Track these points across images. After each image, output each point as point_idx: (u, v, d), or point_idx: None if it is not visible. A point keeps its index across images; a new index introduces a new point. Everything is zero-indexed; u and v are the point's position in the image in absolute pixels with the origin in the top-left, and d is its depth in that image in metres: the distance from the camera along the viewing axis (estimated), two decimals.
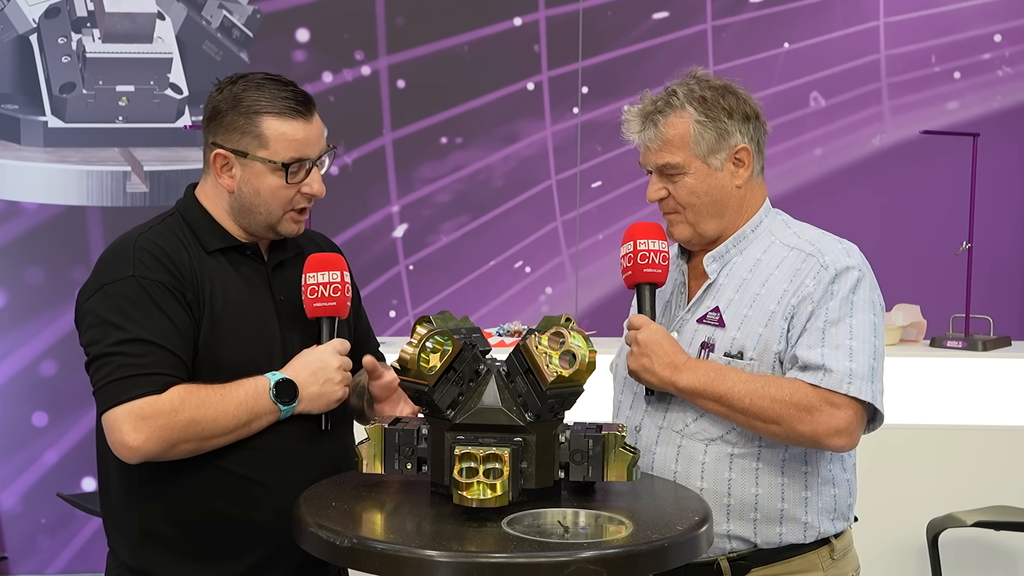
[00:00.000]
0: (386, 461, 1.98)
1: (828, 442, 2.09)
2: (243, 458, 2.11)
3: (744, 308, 2.20)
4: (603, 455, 1.93)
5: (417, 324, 2.08)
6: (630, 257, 2.25)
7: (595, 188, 5.08)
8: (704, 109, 2.21)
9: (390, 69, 4.95)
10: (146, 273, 2.07)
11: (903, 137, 5.15)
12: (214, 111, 2.16)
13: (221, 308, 2.12)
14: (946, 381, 4.09)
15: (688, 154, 2.22)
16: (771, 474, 2.19)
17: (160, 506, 2.12)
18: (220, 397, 2.06)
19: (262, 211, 2.17)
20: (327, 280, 2.19)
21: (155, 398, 2.01)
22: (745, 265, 2.26)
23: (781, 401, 2.09)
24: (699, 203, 2.24)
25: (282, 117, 2.14)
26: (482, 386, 1.93)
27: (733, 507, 2.19)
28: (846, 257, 2.19)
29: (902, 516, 3.87)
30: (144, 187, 4.79)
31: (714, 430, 2.19)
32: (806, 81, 5.13)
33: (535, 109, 5.06)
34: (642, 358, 2.18)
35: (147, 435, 1.99)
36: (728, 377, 2.13)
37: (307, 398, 2.13)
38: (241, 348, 2.13)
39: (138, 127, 4.80)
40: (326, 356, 2.16)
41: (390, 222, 5.00)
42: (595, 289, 5.08)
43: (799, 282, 2.18)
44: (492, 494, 1.78)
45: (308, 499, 1.94)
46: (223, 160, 2.15)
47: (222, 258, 2.18)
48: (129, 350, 2.02)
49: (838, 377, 2.09)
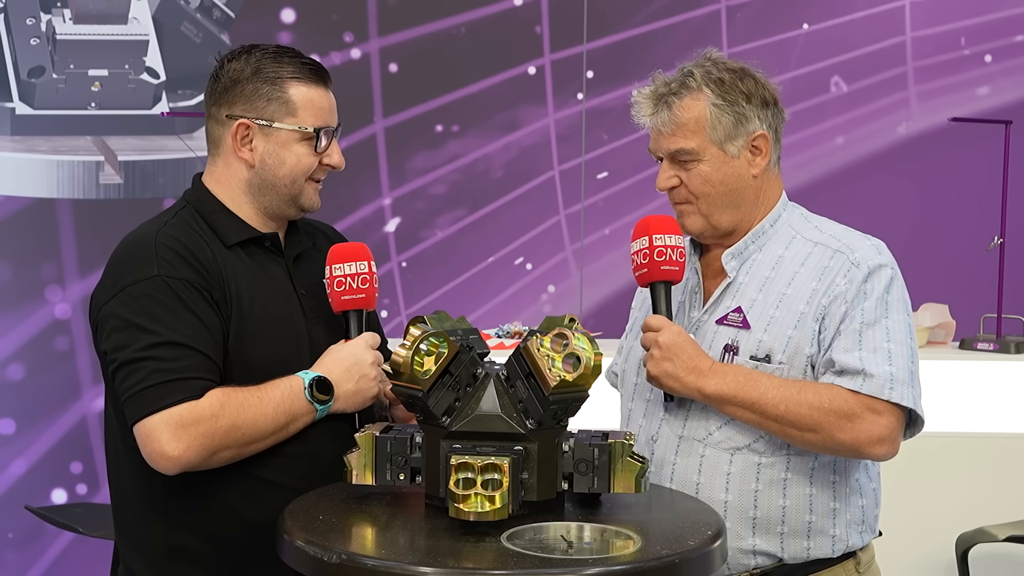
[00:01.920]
0: (377, 471, 1.98)
1: (870, 450, 2.10)
2: (274, 464, 2.13)
3: (770, 308, 2.21)
4: (609, 465, 1.93)
5: (410, 325, 2.08)
6: (645, 253, 2.25)
7: (601, 179, 5.08)
8: (722, 92, 2.22)
9: (382, 52, 4.95)
10: (172, 272, 2.09)
11: (930, 125, 5.15)
12: (232, 81, 2.19)
13: (248, 306, 2.15)
14: (976, 386, 4.09)
15: (703, 139, 2.22)
16: (800, 484, 2.19)
17: (189, 520, 2.13)
18: (258, 400, 2.08)
19: (286, 183, 2.20)
20: (354, 271, 2.21)
21: (194, 404, 2.02)
22: (766, 262, 2.26)
23: (819, 408, 2.09)
24: (714, 192, 2.24)
25: (309, 83, 2.19)
26: (480, 391, 1.94)
27: (759, 520, 2.19)
28: (877, 254, 2.20)
29: (929, 530, 3.87)
30: (118, 178, 4.79)
31: (740, 438, 2.20)
32: (827, 65, 5.13)
33: (537, 95, 5.06)
34: (664, 362, 2.18)
35: (188, 443, 2.01)
36: (760, 382, 2.13)
37: (343, 396, 2.16)
38: (271, 348, 2.15)
39: (112, 114, 4.79)
40: (359, 351, 2.18)
41: (381, 216, 5.00)
42: (601, 288, 5.08)
43: (829, 280, 2.18)
44: (491, 507, 1.78)
45: (294, 512, 1.94)
46: (244, 131, 2.18)
47: (241, 252, 2.20)
48: (162, 354, 2.03)
49: (879, 382, 2.09)
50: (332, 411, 2.15)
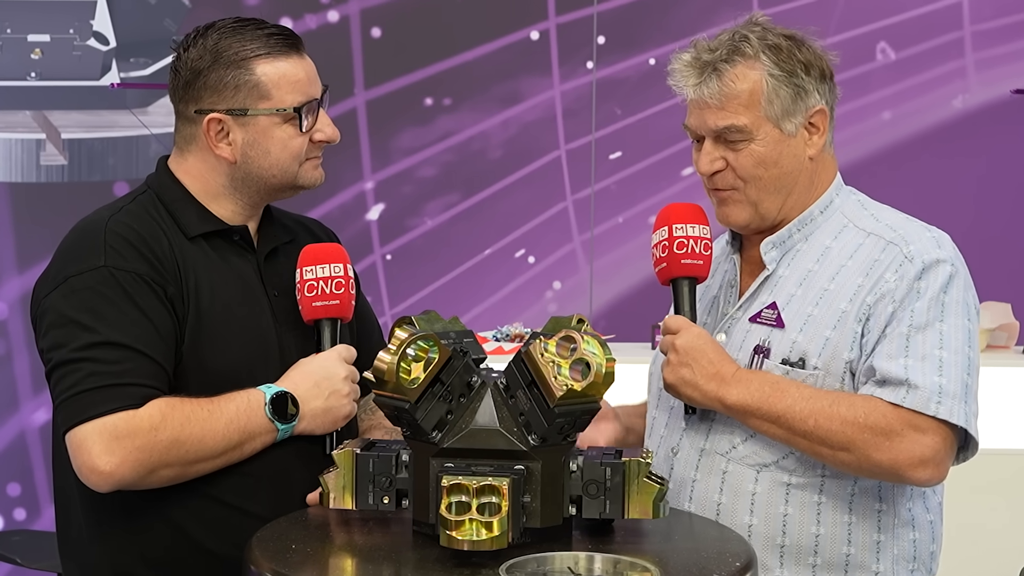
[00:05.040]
0: (358, 494, 1.98)
1: (910, 474, 2.09)
2: (235, 486, 2.13)
3: (808, 306, 2.20)
4: (623, 487, 1.93)
5: (396, 327, 2.08)
6: (664, 246, 2.25)
7: (613, 160, 5.08)
8: (779, 61, 2.21)
9: (363, 14, 4.95)
10: (120, 263, 2.10)
11: (990, 98, 5.15)
12: (193, 72, 2.19)
13: (208, 305, 2.15)
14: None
15: (757, 115, 2.21)
16: (837, 510, 2.19)
17: (137, 542, 2.14)
18: (208, 413, 2.08)
19: (275, 173, 2.21)
20: (328, 275, 2.22)
21: (132, 413, 2.03)
22: (811, 254, 2.25)
23: (853, 423, 2.09)
24: (766, 177, 2.23)
25: (276, 57, 2.19)
26: (475, 402, 1.94)
27: (788, 549, 2.19)
28: (936, 248, 2.19)
29: (992, 562, 3.87)
30: (62, 159, 4.79)
31: (767, 454, 2.20)
32: (872, 29, 5.13)
33: (540, 63, 5.06)
34: (682, 368, 2.18)
35: (122, 458, 2.01)
36: (788, 393, 2.13)
37: (310, 415, 2.16)
38: (233, 353, 2.16)
39: (55, 85, 4.79)
40: (330, 365, 2.19)
41: (363, 201, 5.00)
42: (613, 284, 5.08)
43: (877, 276, 2.17)
44: (488, 534, 1.78)
45: (263, 540, 1.94)
46: (218, 126, 2.18)
47: (205, 245, 2.21)
48: (100, 355, 2.04)
49: (924, 395, 2.08)
50: (297, 431, 2.16)
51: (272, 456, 2.15)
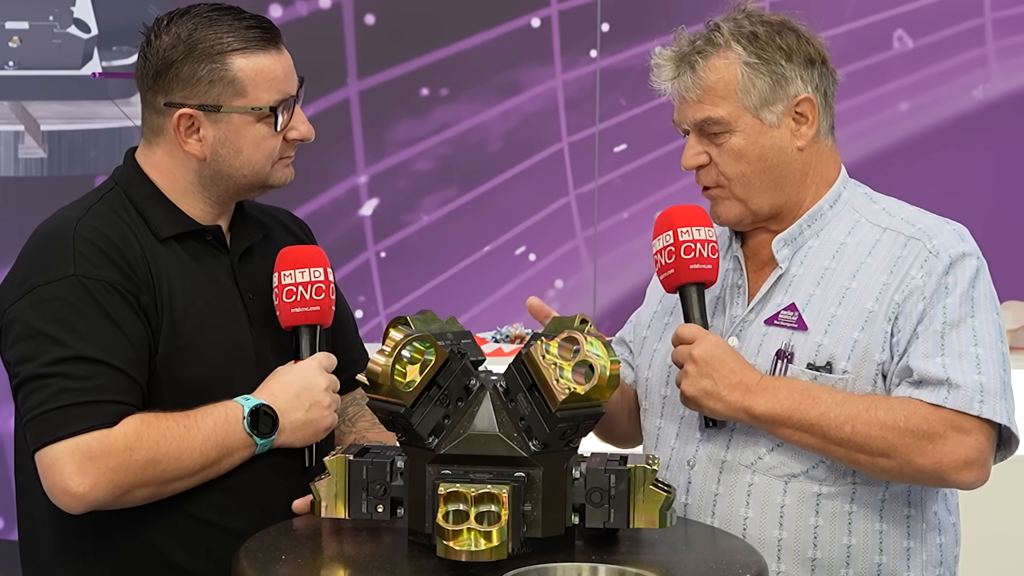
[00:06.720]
0: (351, 502, 1.98)
1: (954, 477, 2.10)
2: (212, 502, 2.13)
3: (831, 306, 2.21)
4: (629, 495, 1.93)
5: (391, 327, 2.08)
6: (670, 251, 2.24)
7: (618, 153, 5.08)
8: (755, 49, 2.22)
9: (356, 0, 4.95)
10: (91, 272, 2.08)
11: (1012, 88, 5.14)
12: (165, 63, 2.16)
13: (183, 312, 2.15)
14: None
15: (735, 106, 2.22)
16: (868, 519, 2.20)
17: (108, 563, 2.14)
18: (184, 430, 2.08)
19: (245, 172, 2.20)
20: (307, 279, 2.21)
21: (105, 433, 2.02)
22: (825, 251, 2.26)
23: (893, 428, 2.09)
24: (750, 171, 2.24)
25: (254, 52, 2.17)
26: (473, 406, 1.94)
27: (820, 562, 2.19)
28: (959, 241, 2.20)
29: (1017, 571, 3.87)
30: (41, 152, 4.79)
31: (796, 464, 2.20)
32: (888, 16, 5.12)
33: (542, 52, 5.06)
34: (702, 379, 2.17)
35: (96, 479, 2.01)
36: (820, 399, 2.13)
37: (290, 427, 2.16)
38: (208, 362, 2.15)
39: (34, 75, 4.79)
40: (311, 375, 2.18)
41: (356, 196, 5.00)
42: (618, 283, 5.08)
43: (902, 272, 2.18)
44: (487, 544, 1.79)
45: (251, 551, 1.94)
46: (188, 121, 2.16)
47: (177, 247, 2.20)
48: (71, 371, 2.03)
49: (967, 395, 2.09)
50: (277, 444, 2.15)
51: (249, 470, 2.14)
